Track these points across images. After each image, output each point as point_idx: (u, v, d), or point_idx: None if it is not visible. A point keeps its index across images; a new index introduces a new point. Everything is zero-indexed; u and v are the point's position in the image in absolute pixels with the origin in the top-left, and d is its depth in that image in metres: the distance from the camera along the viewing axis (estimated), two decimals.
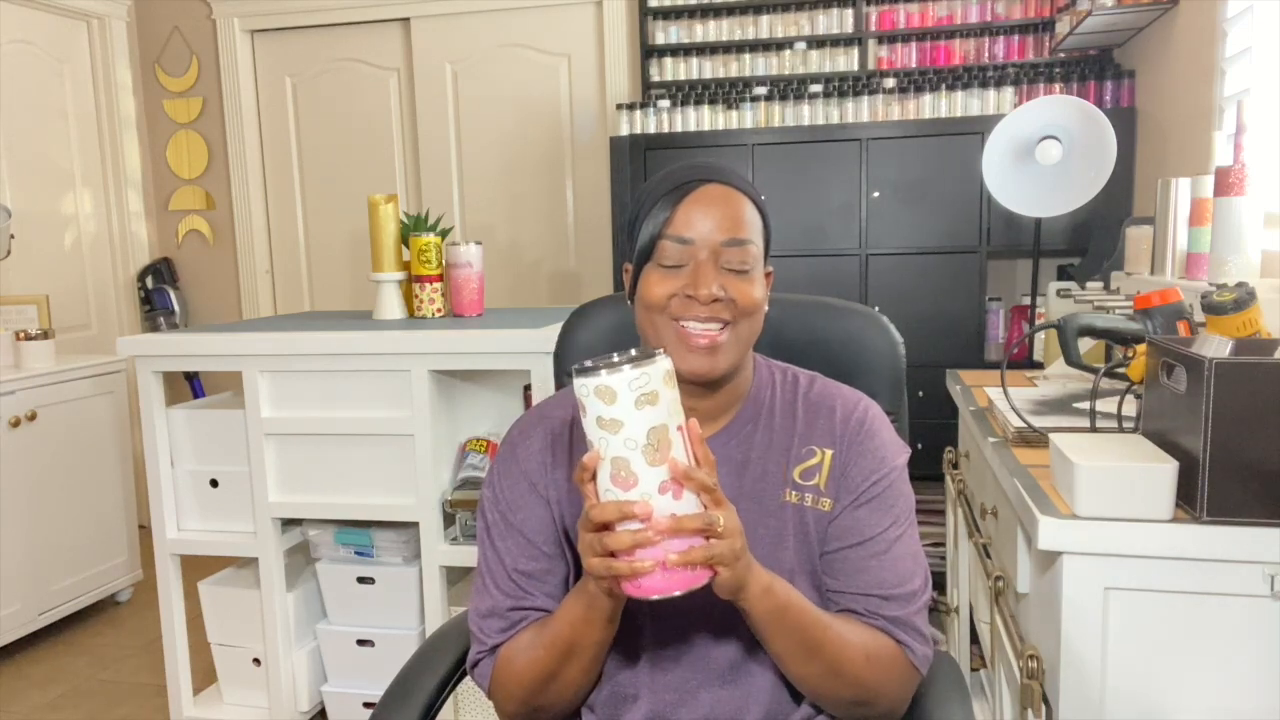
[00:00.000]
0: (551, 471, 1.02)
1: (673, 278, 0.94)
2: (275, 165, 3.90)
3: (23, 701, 2.49)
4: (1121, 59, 2.93)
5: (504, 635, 1.01)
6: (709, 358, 0.94)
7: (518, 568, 1.01)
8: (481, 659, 1.02)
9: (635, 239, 0.97)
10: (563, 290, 3.66)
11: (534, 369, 1.88)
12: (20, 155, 3.43)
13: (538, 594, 1.01)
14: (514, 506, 1.02)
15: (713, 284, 0.92)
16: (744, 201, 0.96)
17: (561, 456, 1.03)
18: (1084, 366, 1.38)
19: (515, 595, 1.01)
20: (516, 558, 1.01)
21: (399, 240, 2.20)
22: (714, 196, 0.95)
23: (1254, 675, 1.01)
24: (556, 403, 1.08)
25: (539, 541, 1.01)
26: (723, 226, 0.93)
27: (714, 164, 0.99)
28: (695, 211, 0.94)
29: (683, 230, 0.93)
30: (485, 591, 1.03)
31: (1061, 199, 2.19)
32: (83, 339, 3.67)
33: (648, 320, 0.97)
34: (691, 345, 0.94)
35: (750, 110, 3.09)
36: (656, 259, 0.95)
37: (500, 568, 1.02)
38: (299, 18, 3.73)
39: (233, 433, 2.07)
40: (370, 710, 2.11)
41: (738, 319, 0.95)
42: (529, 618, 1.01)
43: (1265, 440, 0.96)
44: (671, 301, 0.94)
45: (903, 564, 0.98)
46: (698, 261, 0.93)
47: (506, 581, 1.01)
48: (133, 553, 3.16)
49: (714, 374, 0.95)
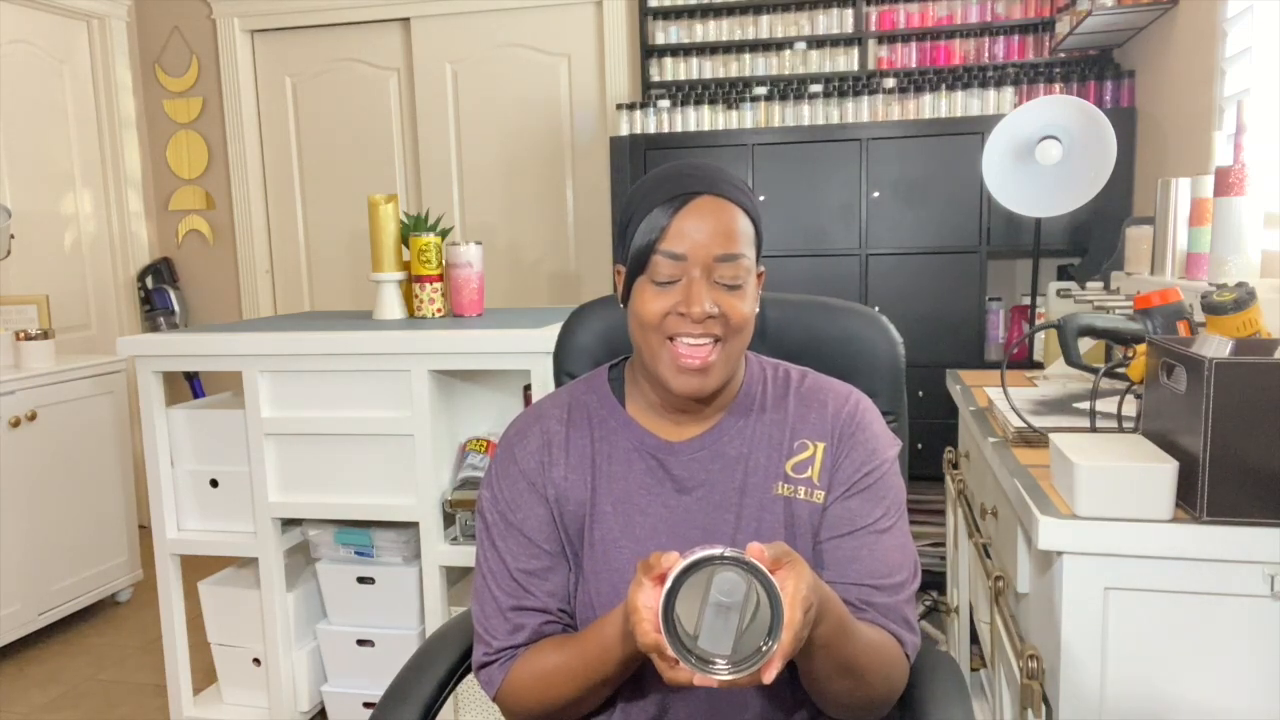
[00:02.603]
0: (549, 470, 1.03)
1: (666, 294, 0.95)
2: (275, 165, 3.90)
3: (23, 701, 2.49)
4: (1121, 59, 2.93)
5: (511, 639, 1.01)
6: (700, 378, 0.95)
7: (519, 566, 1.02)
8: (490, 662, 1.02)
9: (628, 242, 0.98)
10: (563, 290, 3.66)
11: (534, 369, 1.88)
12: (20, 155, 3.43)
13: (539, 593, 1.02)
14: (513, 506, 1.03)
15: (705, 301, 0.93)
16: (737, 214, 0.96)
17: (559, 455, 1.04)
18: (1084, 366, 1.38)
19: (517, 595, 1.01)
20: (518, 556, 1.02)
21: (399, 240, 2.20)
22: (708, 210, 0.94)
23: (1254, 675, 1.01)
24: (552, 401, 1.09)
25: (539, 540, 1.02)
26: (716, 241, 0.94)
27: (708, 169, 0.98)
28: (689, 225, 0.94)
29: (676, 245, 0.94)
30: (487, 591, 1.03)
31: (1061, 199, 2.19)
32: (83, 339, 3.67)
33: (641, 335, 0.98)
34: (683, 366, 0.95)
35: (750, 110, 3.09)
36: (650, 274, 0.95)
37: (502, 567, 1.02)
38: (299, 18, 3.73)
39: (233, 433, 2.07)
40: (370, 710, 2.11)
41: (728, 335, 0.96)
42: (533, 620, 1.01)
43: (1265, 440, 0.96)
44: (666, 320, 0.95)
45: (893, 555, 0.99)
46: (690, 278, 0.94)
47: (508, 581, 1.02)
48: (133, 553, 3.16)
49: (704, 393, 0.97)
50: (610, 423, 1.05)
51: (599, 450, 1.04)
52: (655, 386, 1.01)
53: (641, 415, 1.05)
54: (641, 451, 1.03)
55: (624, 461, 1.03)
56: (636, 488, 1.02)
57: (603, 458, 1.04)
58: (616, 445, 1.04)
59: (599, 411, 1.06)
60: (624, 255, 0.99)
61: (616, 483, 1.02)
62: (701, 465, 1.02)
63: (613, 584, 1.00)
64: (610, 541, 1.01)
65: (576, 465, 1.04)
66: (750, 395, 1.04)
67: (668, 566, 0.76)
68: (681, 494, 1.01)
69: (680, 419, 1.04)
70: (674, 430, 1.04)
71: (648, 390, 1.03)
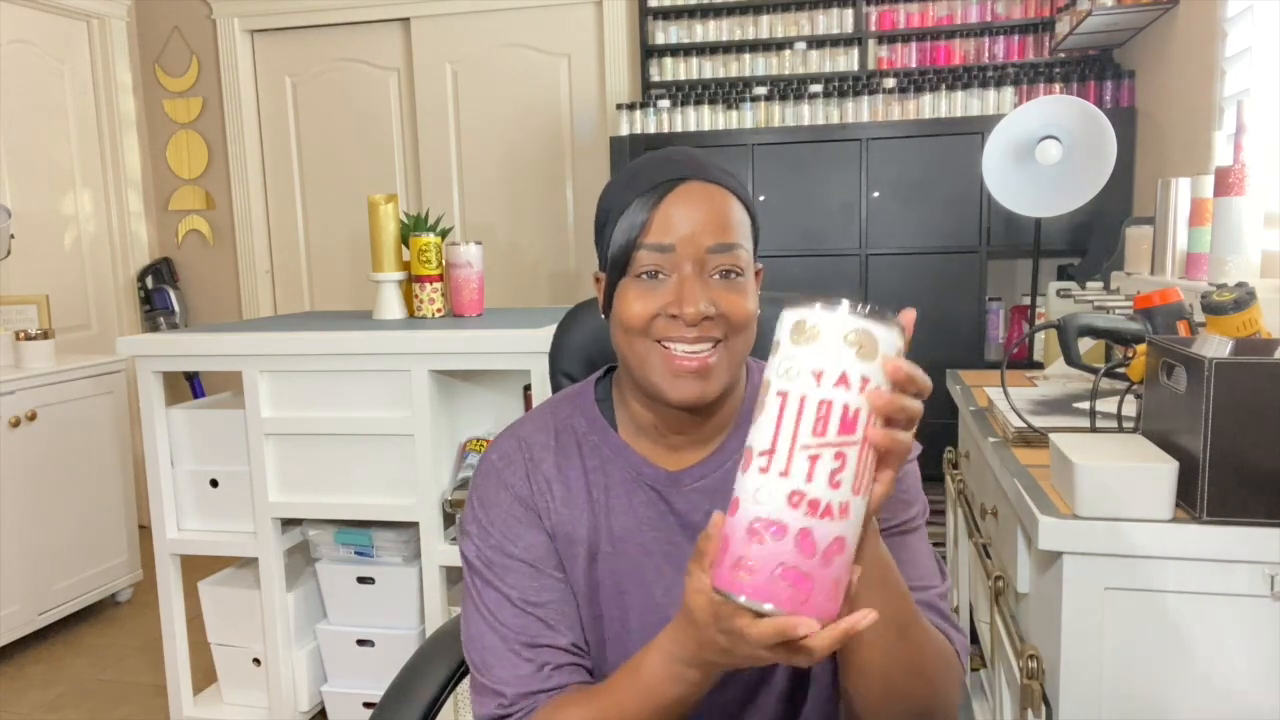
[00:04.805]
0: (542, 500, 0.90)
1: (653, 293, 0.82)
2: (275, 165, 3.90)
3: (23, 701, 2.49)
4: (1121, 59, 2.93)
5: (530, 682, 0.84)
6: (699, 382, 0.82)
7: (529, 599, 0.87)
8: (505, 717, 0.85)
9: (606, 244, 0.85)
10: (562, 290, 3.66)
11: (534, 369, 1.88)
12: (20, 155, 3.42)
13: (560, 627, 0.86)
14: (510, 537, 0.88)
15: (700, 300, 0.80)
16: (729, 199, 0.83)
17: (554, 486, 0.90)
18: (1084, 366, 1.38)
19: (530, 629, 0.86)
20: (525, 590, 0.87)
21: (399, 240, 2.20)
22: (696, 196, 0.82)
23: (1254, 675, 1.01)
24: (535, 425, 0.94)
25: (549, 568, 0.88)
26: (708, 230, 0.81)
27: (691, 155, 0.86)
28: (675, 214, 0.81)
29: (662, 236, 0.81)
30: (491, 635, 0.86)
31: (1061, 199, 2.19)
32: (83, 339, 3.67)
33: (626, 343, 0.84)
34: (679, 370, 0.81)
35: (750, 110, 3.09)
36: (633, 271, 0.82)
37: (506, 604, 0.87)
38: (299, 18, 3.73)
39: (233, 433, 2.07)
40: (370, 710, 2.11)
41: (730, 336, 0.82)
42: (554, 658, 0.85)
43: (1265, 440, 0.96)
44: (654, 323, 0.82)
45: (927, 553, 0.89)
46: (681, 274, 0.81)
47: (517, 616, 0.86)
48: (133, 553, 3.16)
49: (706, 400, 0.83)
50: (604, 450, 0.91)
51: (594, 481, 0.90)
52: (647, 403, 0.88)
53: (634, 440, 0.91)
54: (640, 483, 0.89)
55: (623, 494, 0.90)
56: (637, 524, 0.89)
57: (599, 490, 0.90)
58: (612, 476, 0.90)
59: (589, 437, 0.92)
60: (603, 260, 0.86)
61: (615, 518, 0.89)
62: (706, 497, 0.89)
63: (616, 634, 0.89)
64: (611, 586, 0.89)
65: (572, 499, 0.90)
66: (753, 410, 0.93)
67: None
68: (686, 530, 0.89)
69: (676, 442, 0.90)
70: (671, 457, 0.90)
71: (639, 411, 0.90)
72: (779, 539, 0.59)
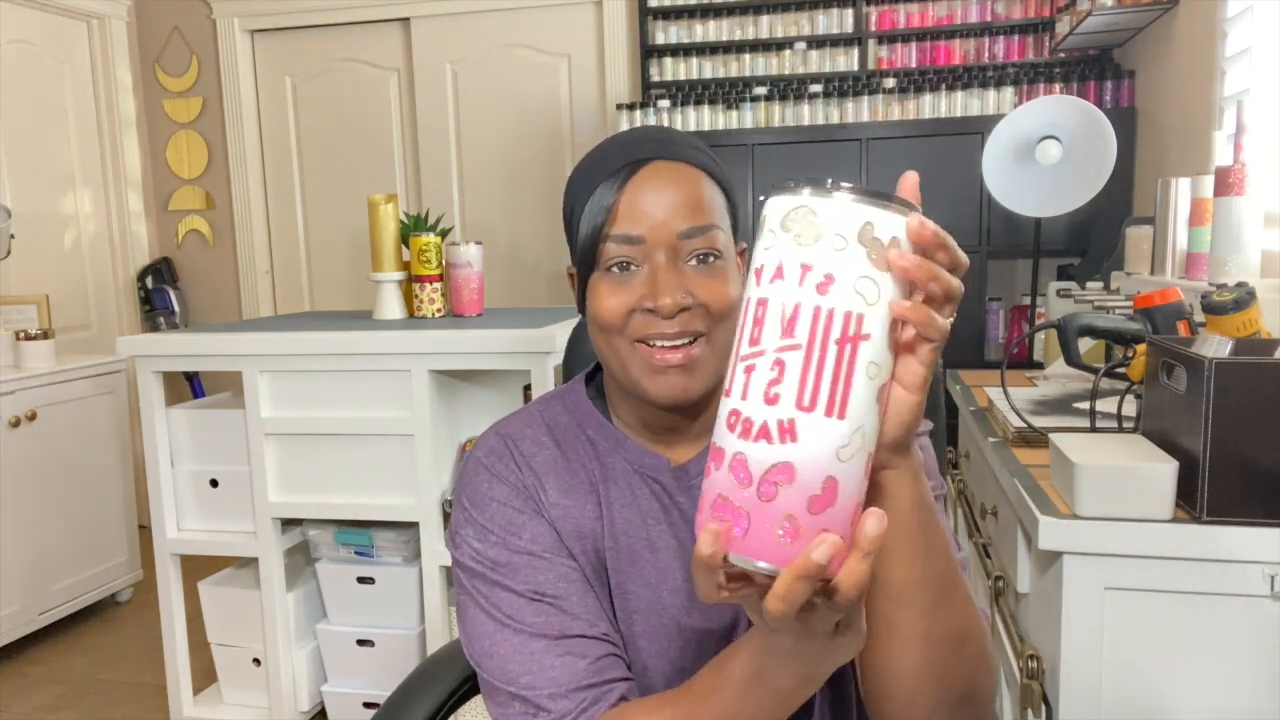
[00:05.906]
0: (541, 493, 0.83)
1: (626, 287, 0.76)
2: (275, 165, 3.90)
3: (23, 701, 2.49)
4: (1121, 59, 2.93)
5: (580, 682, 0.74)
6: (683, 378, 0.76)
7: (549, 591, 0.78)
8: None
9: (573, 235, 0.80)
10: (562, 290, 3.66)
11: (534, 369, 1.88)
12: (20, 155, 3.43)
13: (587, 616, 0.77)
14: (513, 530, 0.81)
15: (676, 290, 0.74)
16: (701, 178, 0.77)
17: (549, 477, 0.84)
18: (1084, 366, 1.38)
19: (560, 622, 0.77)
20: (542, 583, 0.78)
21: (399, 240, 2.20)
22: (664, 177, 0.76)
23: (1254, 675, 1.01)
24: (523, 421, 0.88)
25: (561, 556, 0.80)
26: (679, 213, 0.75)
27: (657, 131, 0.80)
28: (643, 198, 0.75)
29: (629, 226, 0.75)
30: (514, 639, 0.77)
31: (1061, 199, 2.19)
32: (83, 339, 3.67)
33: (604, 342, 0.79)
34: (659, 365, 0.76)
35: (750, 110, 3.09)
36: (602, 264, 0.77)
37: (521, 602, 0.78)
38: (299, 18, 3.73)
39: (233, 433, 2.07)
40: (371, 710, 2.11)
41: (713, 327, 0.76)
42: (594, 649, 0.76)
43: (1265, 440, 0.96)
44: (631, 319, 0.76)
45: (944, 528, 0.77)
46: (654, 264, 0.75)
47: (540, 612, 0.77)
48: (133, 553, 3.16)
49: (691, 397, 0.77)
50: (600, 442, 0.85)
51: (593, 472, 0.84)
52: (635, 403, 0.83)
53: (632, 433, 0.86)
54: (643, 475, 0.84)
55: (625, 486, 0.84)
56: (642, 518, 0.83)
57: (600, 481, 0.84)
58: (612, 467, 0.84)
59: (584, 430, 0.86)
60: (573, 253, 0.80)
61: (619, 512, 0.83)
62: None
63: (627, 637, 0.82)
64: (615, 585, 0.82)
65: (573, 488, 0.83)
66: None
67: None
68: (691, 526, 0.82)
69: (671, 439, 0.84)
70: (671, 450, 0.85)
71: (628, 410, 0.85)
72: (718, 467, 0.52)
